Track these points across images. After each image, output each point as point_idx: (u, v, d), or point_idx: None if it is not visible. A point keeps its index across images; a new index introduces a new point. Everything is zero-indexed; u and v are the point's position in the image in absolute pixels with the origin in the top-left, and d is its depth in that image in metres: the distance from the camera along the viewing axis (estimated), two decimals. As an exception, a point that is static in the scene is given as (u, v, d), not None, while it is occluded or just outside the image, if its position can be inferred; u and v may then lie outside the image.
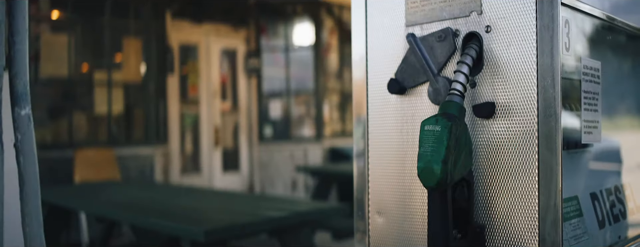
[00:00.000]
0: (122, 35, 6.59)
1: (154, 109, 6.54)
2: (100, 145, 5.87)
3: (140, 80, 6.39)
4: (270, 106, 7.79)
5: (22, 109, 0.63)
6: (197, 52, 7.43)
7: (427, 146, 0.91)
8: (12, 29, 0.64)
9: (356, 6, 1.20)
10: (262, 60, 7.77)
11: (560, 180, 0.93)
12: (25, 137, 0.62)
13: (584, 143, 1.03)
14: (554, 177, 0.93)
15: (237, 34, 7.63)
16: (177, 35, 7.14)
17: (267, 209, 2.31)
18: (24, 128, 0.63)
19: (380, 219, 1.16)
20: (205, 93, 7.42)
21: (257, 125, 7.72)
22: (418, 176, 0.92)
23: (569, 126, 0.99)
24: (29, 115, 0.64)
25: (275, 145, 7.66)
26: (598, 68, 1.07)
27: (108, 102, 6.14)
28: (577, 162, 1.04)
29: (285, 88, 7.89)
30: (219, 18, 7.38)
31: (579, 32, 1.02)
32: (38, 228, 0.65)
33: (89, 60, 6.63)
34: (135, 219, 2.15)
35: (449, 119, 0.91)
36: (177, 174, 7.06)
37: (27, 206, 0.64)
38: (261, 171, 7.68)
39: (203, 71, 7.43)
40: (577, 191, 1.03)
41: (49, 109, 6.13)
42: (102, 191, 3.24)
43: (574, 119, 1.01)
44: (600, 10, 1.10)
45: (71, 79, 5.94)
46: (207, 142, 7.42)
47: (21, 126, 0.63)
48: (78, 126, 6.16)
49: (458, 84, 0.97)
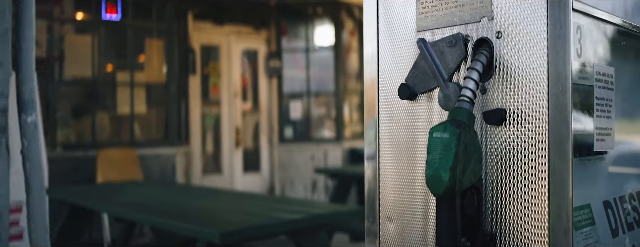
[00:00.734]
0: (145, 37, 6.67)
1: (176, 110, 6.61)
2: (123, 145, 5.94)
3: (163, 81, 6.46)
4: (291, 107, 7.80)
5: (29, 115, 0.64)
6: (218, 53, 7.48)
7: (435, 153, 0.91)
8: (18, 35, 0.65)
9: (368, 11, 1.20)
10: (283, 61, 7.79)
11: (571, 188, 0.91)
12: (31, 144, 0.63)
13: (597, 151, 1.01)
14: (565, 185, 0.92)
15: (258, 35, 7.66)
16: (199, 37, 7.20)
17: (283, 212, 2.32)
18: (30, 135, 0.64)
19: (391, 224, 1.16)
20: (226, 94, 7.47)
21: (277, 126, 7.75)
22: (426, 183, 0.91)
23: (581, 132, 0.97)
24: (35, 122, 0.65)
25: (296, 146, 7.68)
26: (611, 74, 1.05)
27: (130, 102, 6.21)
28: (590, 169, 1.03)
29: (305, 89, 7.90)
30: (240, 19, 7.42)
31: (591, 38, 1.00)
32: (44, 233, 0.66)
33: (112, 61, 6.72)
34: (151, 220, 2.18)
35: (458, 126, 0.91)
36: (199, 175, 7.11)
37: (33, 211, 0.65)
38: (281, 172, 7.70)
39: (224, 72, 7.48)
40: (589, 199, 1.02)
41: (73, 109, 6.22)
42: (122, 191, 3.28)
43: (587, 125, 0.99)
44: (614, 15, 1.09)
45: (95, 79, 6.02)
46: (228, 143, 7.47)
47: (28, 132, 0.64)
48: (101, 126, 6.25)
49: (467, 90, 0.96)
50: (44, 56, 6.08)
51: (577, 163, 0.96)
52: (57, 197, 3.33)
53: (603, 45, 1.06)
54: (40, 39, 6.00)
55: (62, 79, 6.19)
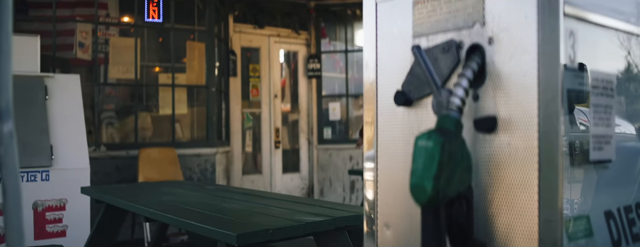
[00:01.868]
0: (187, 39, 6.80)
1: (217, 111, 6.71)
2: (164, 145, 6.07)
3: (203, 82, 6.57)
4: (330, 108, 7.82)
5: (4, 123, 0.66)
6: (258, 55, 7.57)
7: (419, 161, 0.90)
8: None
9: (367, 16, 1.20)
10: (322, 62, 7.81)
11: (562, 198, 0.89)
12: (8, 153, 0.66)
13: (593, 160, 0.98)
14: (554, 194, 0.89)
15: (297, 37, 7.71)
16: (239, 39, 7.30)
17: (307, 214, 2.33)
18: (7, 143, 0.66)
19: (388, 231, 1.15)
20: (266, 95, 7.55)
21: (316, 127, 7.77)
22: (410, 192, 0.91)
23: (578, 140, 0.95)
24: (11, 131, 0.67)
25: (334, 147, 7.69)
26: (611, 80, 1.01)
27: (172, 103, 6.35)
28: (589, 178, 1.00)
29: (344, 90, 7.89)
30: (280, 22, 7.49)
31: (589, 43, 0.97)
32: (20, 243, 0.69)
33: (155, 63, 6.88)
34: (173, 220, 2.22)
35: (442, 134, 0.90)
36: (239, 175, 7.21)
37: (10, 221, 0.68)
38: (320, 172, 7.72)
39: (264, 74, 7.56)
40: (587, 209, 0.99)
41: (117, 110, 6.40)
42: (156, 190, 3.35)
43: (584, 133, 0.96)
44: (619, 20, 1.05)
45: (138, 81, 6.18)
46: (268, 144, 7.54)
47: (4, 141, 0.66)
48: (143, 126, 6.41)
49: (456, 98, 0.95)
50: (90, 59, 6.27)
51: (574, 172, 0.93)
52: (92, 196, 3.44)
53: (605, 50, 1.03)
54: (86, 42, 6.20)
55: (107, 81, 6.38)
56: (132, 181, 5.64)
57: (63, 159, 4.51)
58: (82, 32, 6.21)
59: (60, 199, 4.41)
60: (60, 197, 4.43)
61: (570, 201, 1.00)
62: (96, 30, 6.10)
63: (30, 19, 5.89)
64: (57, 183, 4.43)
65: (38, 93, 4.52)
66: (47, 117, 4.49)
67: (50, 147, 4.41)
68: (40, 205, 4.33)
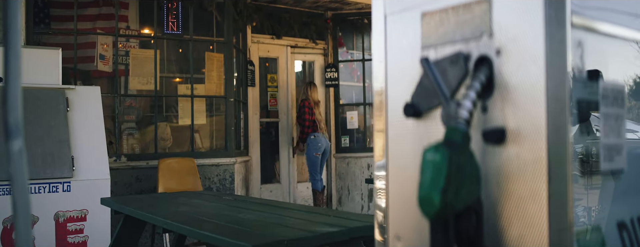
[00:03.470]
0: (205, 50, 6.87)
1: (235, 120, 6.75)
2: (183, 155, 6.12)
3: (222, 92, 6.62)
4: (347, 117, 7.82)
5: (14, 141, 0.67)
6: (276, 65, 7.61)
7: (427, 175, 0.90)
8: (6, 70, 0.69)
9: (376, 28, 1.20)
10: (340, 72, 7.83)
11: (571, 209, 0.88)
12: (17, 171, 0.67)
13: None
14: (564, 207, 0.88)
15: (315, 47, 7.74)
16: (258, 49, 7.35)
17: (321, 225, 2.33)
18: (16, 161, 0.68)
19: (399, 244, 1.15)
20: (284, 105, 7.57)
21: (334, 135, 7.77)
22: (418, 205, 0.90)
23: (588, 151, 0.94)
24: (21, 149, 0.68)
25: (352, 155, 7.68)
26: (621, 90, 1.00)
27: (191, 114, 6.40)
28: (606, 185, 0.98)
29: (361, 99, 7.89)
30: (298, 32, 7.53)
31: (598, 53, 0.96)
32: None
33: (174, 74, 6.96)
34: (187, 231, 2.24)
35: (450, 147, 0.89)
36: (257, 184, 7.23)
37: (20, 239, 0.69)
38: (338, 181, 7.71)
39: (282, 83, 7.59)
40: (600, 220, 0.97)
41: (137, 120, 6.48)
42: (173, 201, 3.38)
43: (594, 144, 0.95)
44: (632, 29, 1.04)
45: (157, 92, 6.25)
46: (286, 153, 7.56)
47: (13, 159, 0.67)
48: (163, 136, 6.47)
49: (464, 110, 0.94)
50: (110, 71, 6.36)
51: (584, 183, 0.92)
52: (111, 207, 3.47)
53: (615, 59, 1.02)
54: (107, 55, 6.29)
55: (127, 92, 6.46)
56: (152, 191, 5.69)
57: (84, 170, 4.57)
58: (102, 45, 6.30)
59: (82, 209, 4.46)
60: (82, 208, 4.48)
61: (587, 208, 0.99)
62: (116, 42, 6.19)
63: (52, 32, 6.00)
64: (78, 194, 4.49)
65: (59, 105, 4.59)
66: (69, 129, 4.56)
67: (72, 158, 4.47)
68: (61, 216, 4.39)
